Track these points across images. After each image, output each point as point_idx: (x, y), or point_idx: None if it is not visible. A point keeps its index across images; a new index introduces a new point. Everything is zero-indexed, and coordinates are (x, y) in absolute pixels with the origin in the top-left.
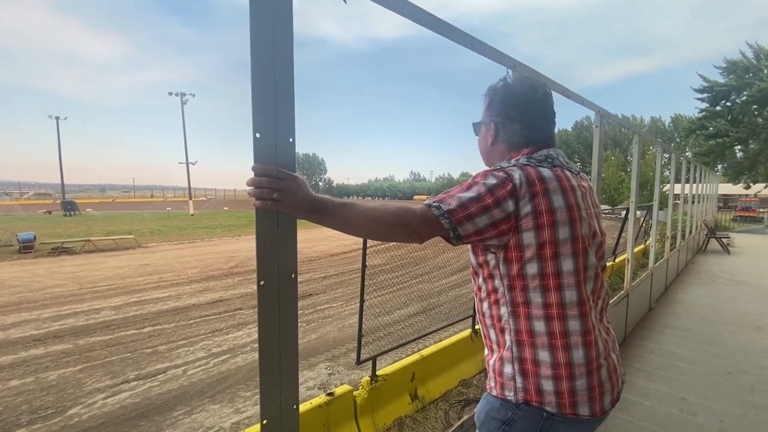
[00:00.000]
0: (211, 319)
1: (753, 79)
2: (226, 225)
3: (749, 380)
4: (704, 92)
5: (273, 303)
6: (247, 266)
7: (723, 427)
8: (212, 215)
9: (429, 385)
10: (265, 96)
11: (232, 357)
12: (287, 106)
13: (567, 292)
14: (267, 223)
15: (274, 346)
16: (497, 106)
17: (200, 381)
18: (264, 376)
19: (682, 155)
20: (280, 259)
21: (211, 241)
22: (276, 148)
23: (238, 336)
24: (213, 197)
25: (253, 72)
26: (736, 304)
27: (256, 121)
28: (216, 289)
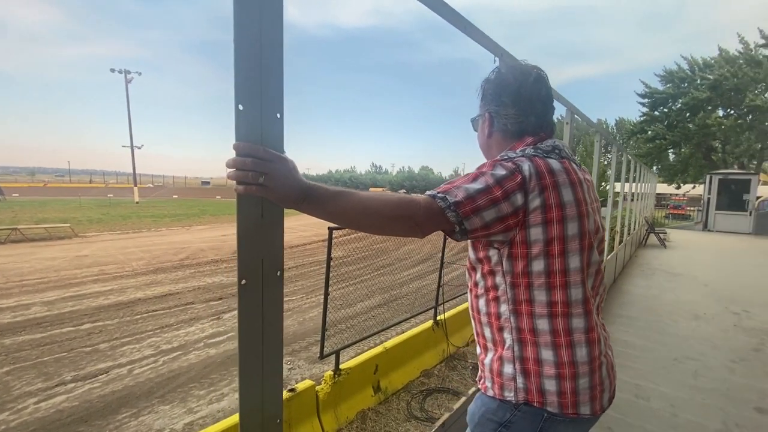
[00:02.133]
0: (160, 314)
1: (688, 89)
2: (175, 214)
3: (693, 366)
4: (646, 98)
5: (256, 305)
6: (199, 258)
7: (674, 411)
8: (160, 203)
9: (392, 376)
10: (249, 61)
11: (184, 354)
12: (275, 75)
13: (573, 290)
14: (250, 212)
15: (257, 355)
16: (490, 96)
17: (148, 380)
18: (244, 388)
19: (628, 155)
20: (265, 254)
21: (159, 231)
22: (262, 123)
23: (190, 332)
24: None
25: (236, 31)
26: (676, 294)
27: (238, 90)
28: (165, 282)
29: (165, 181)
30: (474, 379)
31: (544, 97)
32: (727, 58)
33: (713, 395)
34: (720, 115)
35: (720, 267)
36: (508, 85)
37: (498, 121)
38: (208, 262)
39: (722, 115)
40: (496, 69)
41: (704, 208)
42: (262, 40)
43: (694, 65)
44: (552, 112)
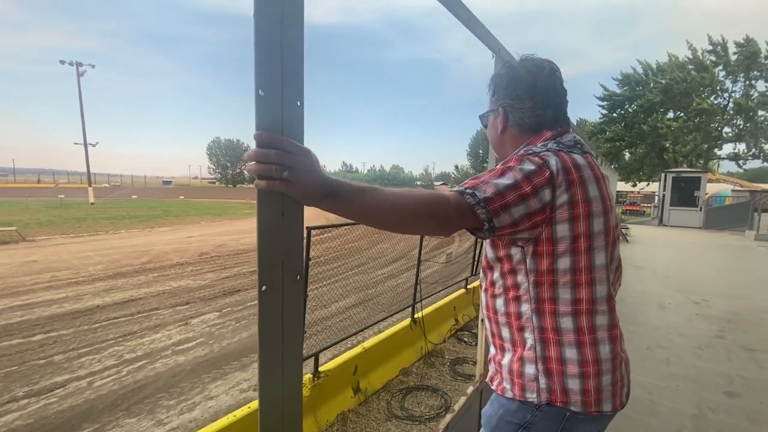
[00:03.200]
0: (122, 321)
1: (642, 92)
2: (135, 216)
3: (665, 354)
4: (604, 100)
5: (276, 313)
6: (163, 261)
7: (652, 398)
8: (118, 204)
9: (371, 376)
10: (271, 45)
11: (150, 363)
12: (296, 60)
13: (598, 287)
14: (271, 210)
15: (276, 361)
16: (503, 90)
17: (111, 393)
18: (264, 394)
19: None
20: (285, 257)
21: (118, 233)
22: (282, 111)
23: (155, 339)
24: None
25: (257, 10)
26: (641, 286)
27: (259, 74)
28: (126, 287)
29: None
30: (452, 376)
31: (559, 90)
32: (677, 63)
33: (685, 381)
34: (670, 117)
35: (677, 259)
36: (522, 78)
37: (513, 116)
38: (172, 266)
39: (672, 117)
40: (507, 64)
41: (660, 205)
42: (283, 21)
43: (648, 69)
44: (566, 105)
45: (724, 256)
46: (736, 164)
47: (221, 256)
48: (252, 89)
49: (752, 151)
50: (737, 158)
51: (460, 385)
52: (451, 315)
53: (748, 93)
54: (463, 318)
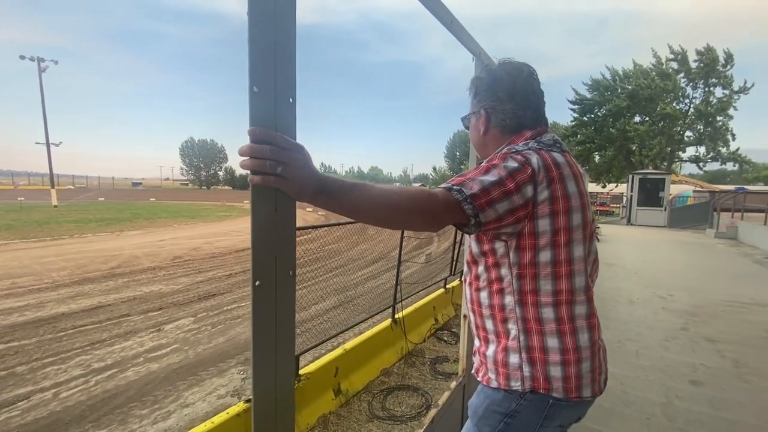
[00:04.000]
0: (89, 329)
1: (611, 97)
2: (103, 219)
3: (634, 346)
4: (575, 104)
5: (269, 307)
6: (133, 266)
7: (624, 388)
8: (84, 207)
9: (352, 378)
10: (264, 43)
11: (121, 371)
12: (288, 58)
13: (577, 278)
14: (264, 206)
15: (269, 356)
16: (484, 92)
17: (79, 404)
18: (258, 388)
19: None
20: (278, 252)
21: (84, 237)
22: (276, 107)
23: (126, 346)
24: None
25: (251, 9)
26: (612, 282)
27: (253, 71)
28: (93, 293)
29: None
30: (433, 375)
31: (537, 92)
32: (642, 70)
33: (653, 372)
34: (637, 121)
35: (645, 257)
36: (502, 81)
37: (495, 117)
38: (143, 270)
39: (639, 122)
40: (486, 67)
41: (628, 205)
42: (276, 21)
43: (616, 76)
44: (544, 106)
45: (687, 253)
46: (697, 166)
47: (195, 260)
48: (231, 88)
49: (711, 154)
50: (698, 161)
51: (441, 384)
52: (430, 315)
53: (707, 99)
54: (442, 317)
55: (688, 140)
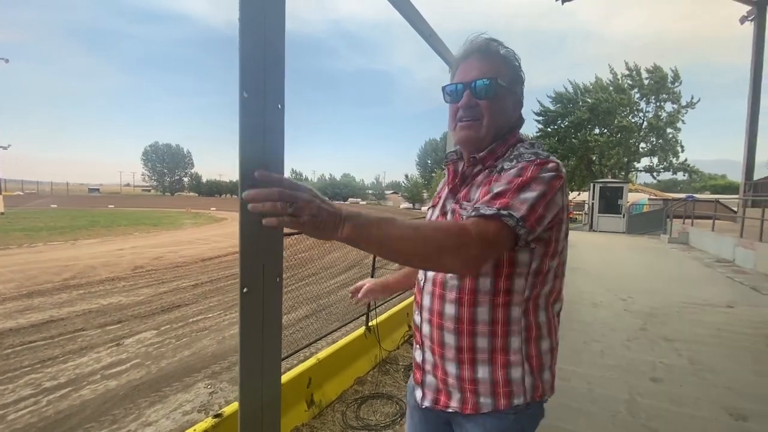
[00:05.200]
0: (40, 345)
1: (573, 109)
2: (55, 227)
3: (599, 347)
4: (540, 116)
5: (257, 313)
6: (89, 277)
7: (590, 387)
8: (35, 214)
9: (325, 388)
10: (254, 49)
11: (76, 390)
12: (277, 64)
13: (562, 279)
14: (252, 215)
15: (256, 362)
16: (519, 73)
17: (29, 426)
18: (244, 395)
19: None
20: (266, 260)
21: (34, 247)
22: (265, 112)
23: (81, 363)
24: (35, 192)
25: (242, 17)
26: (576, 286)
27: (244, 77)
28: (44, 307)
29: (40, 188)
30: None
31: None
32: (601, 85)
33: (617, 370)
34: (597, 132)
35: (606, 261)
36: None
37: (520, 106)
38: (101, 281)
39: (598, 133)
40: (503, 46)
41: (590, 212)
42: (266, 27)
43: (577, 89)
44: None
45: (645, 258)
46: (651, 176)
47: (158, 270)
48: (198, 92)
49: (663, 164)
50: (652, 170)
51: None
52: (404, 321)
53: (657, 113)
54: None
55: (642, 151)
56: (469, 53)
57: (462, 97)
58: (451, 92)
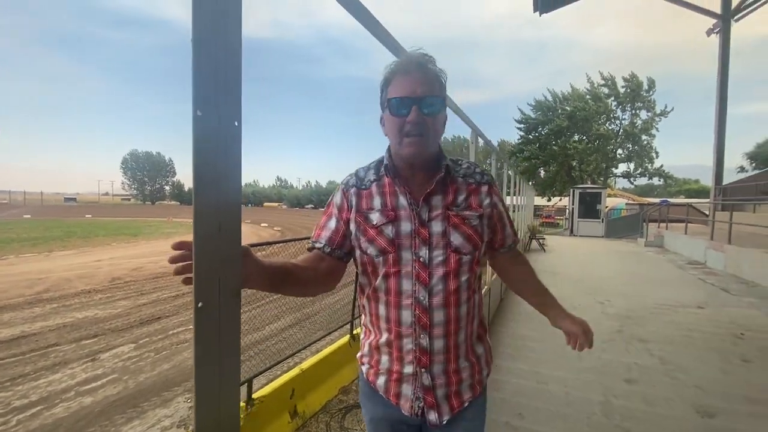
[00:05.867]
0: (9, 362)
1: (552, 117)
2: (28, 238)
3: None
4: (521, 123)
5: (213, 331)
6: (64, 290)
7: (568, 390)
8: (6, 225)
9: (309, 398)
10: (208, 64)
11: (48, 408)
12: (234, 82)
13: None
14: (207, 226)
15: (213, 379)
16: (446, 91)
17: None
18: (201, 412)
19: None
20: (222, 273)
21: (5, 259)
22: (220, 131)
23: (54, 380)
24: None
25: (195, 32)
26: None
27: (197, 95)
28: (15, 322)
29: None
30: None
31: None
32: (578, 93)
33: (593, 373)
34: (576, 139)
35: (586, 265)
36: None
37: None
38: (76, 294)
39: (577, 140)
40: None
41: (570, 217)
42: (221, 42)
43: (556, 98)
44: None
45: (622, 261)
46: (628, 181)
47: (137, 281)
48: (180, 99)
49: (639, 169)
50: (629, 176)
51: None
52: None
53: (633, 121)
54: None
55: (619, 157)
56: (411, 68)
57: (410, 112)
58: (398, 106)
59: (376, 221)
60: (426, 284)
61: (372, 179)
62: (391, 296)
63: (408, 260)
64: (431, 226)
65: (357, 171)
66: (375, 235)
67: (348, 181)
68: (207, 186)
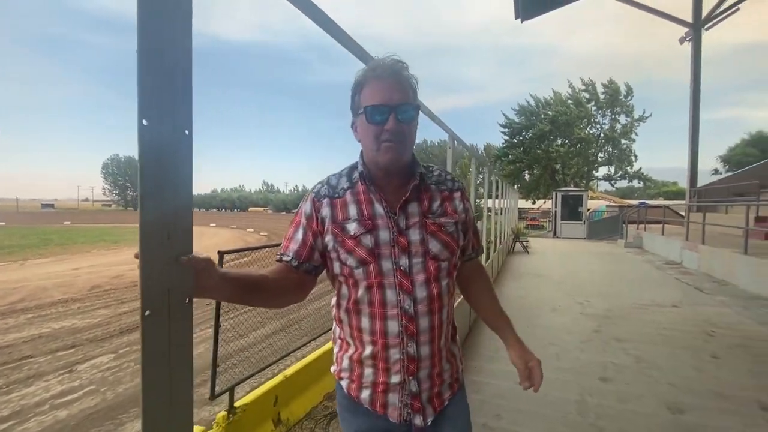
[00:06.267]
0: None
1: (535, 121)
2: (2, 246)
3: (555, 350)
4: (506, 127)
5: (162, 338)
6: (40, 299)
7: (545, 390)
8: None
9: (293, 406)
10: (155, 70)
11: (20, 423)
12: (184, 87)
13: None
14: (155, 235)
15: (163, 393)
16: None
17: None
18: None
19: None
20: (173, 281)
21: None
22: (170, 140)
23: (28, 393)
24: None
25: (140, 35)
26: (538, 292)
27: (143, 103)
28: None
29: None
30: None
31: None
32: (560, 99)
33: (570, 372)
34: (558, 143)
35: (567, 267)
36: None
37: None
38: (53, 303)
39: (560, 144)
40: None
41: (553, 219)
42: (169, 46)
43: (539, 103)
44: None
45: (602, 262)
46: (609, 183)
47: (118, 289)
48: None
49: (619, 172)
50: (610, 179)
51: None
52: None
53: (613, 126)
54: None
55: (600, 160)
56: (385, 73)
57: (387, 120)
58: (373, 113)
59: (353, 231)
60: (410, 292)
61: (345, 187)
62: (375, 308)
63: (389, 270)
64: (409, 234)
65: (328, 179)
66: (354, 246)
67: (319, 190)
68: (153, 194)
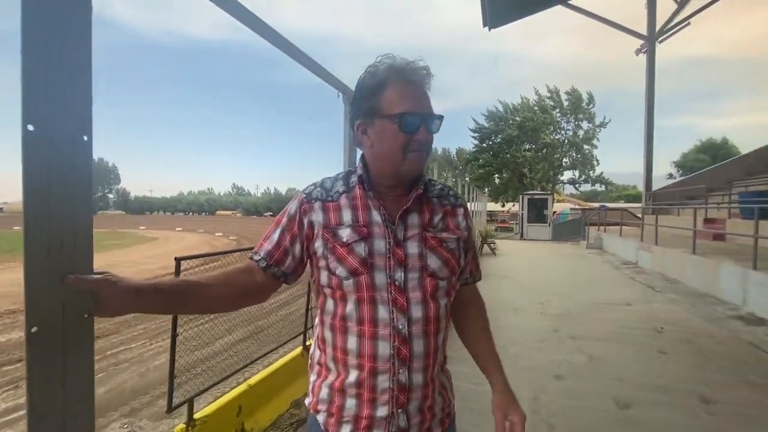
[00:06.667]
0: None
1: (504, 127)
2: None
3: (515, 350)
4: (476, 132)
5: (53, 359)
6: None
7: None
8: None
9: (258, 415)
10: (44, 65)
11: None
12: (81, 87)
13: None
14: (42, 246)
15: (55, 422)
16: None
17: None
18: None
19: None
20: (68, 295)
21: None
22: (62, 147)
23: None
24: None
25: (25, 25)
26: (501, 293)
27: (28, 105)
28: None
29: None
30: None
31: None
32: (527, 105)
33: (527, 372)
34: (526, 148)
35: (531, 268)
36: None
37: None
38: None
39: (527, 149)
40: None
41: (520, 222)
42: (63, 37)
43: (507, 109)
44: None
45: (565, 263)
46: (574, 187)
47: None
48: (126, 100)
49: (583, 176)
50: (574, 182)
51: None
52: None
53: (576, 132)
54: None
55: (565, 165)
56: (416, 77)
57: (419, 128)
58: (410, 121)
59: (346, 238)
60: (405, 311)
61: (341, 190)
62: (364, 326)
63: (383, 284)
64: (407, 246)
65: (323, 181)
66: (345, 254)
67: (311, 192)
68: (40, 204)
